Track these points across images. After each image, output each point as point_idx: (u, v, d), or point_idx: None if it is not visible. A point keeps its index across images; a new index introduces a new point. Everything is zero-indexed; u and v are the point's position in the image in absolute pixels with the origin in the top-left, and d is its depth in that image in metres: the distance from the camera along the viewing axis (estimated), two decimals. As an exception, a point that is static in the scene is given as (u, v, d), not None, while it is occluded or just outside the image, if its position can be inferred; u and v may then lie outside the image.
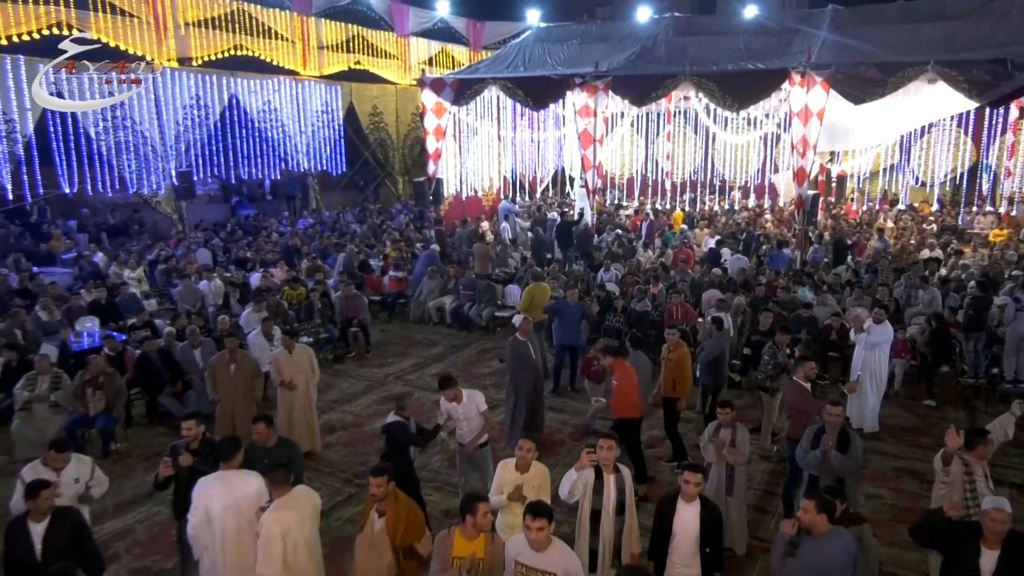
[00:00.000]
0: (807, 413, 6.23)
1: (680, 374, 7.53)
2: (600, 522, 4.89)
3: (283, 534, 4.43)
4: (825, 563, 4.07)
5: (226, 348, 7.94)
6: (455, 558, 4.19)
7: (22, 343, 9.57)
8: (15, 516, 4.63)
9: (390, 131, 24.71)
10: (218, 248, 16.38)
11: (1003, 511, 4.10)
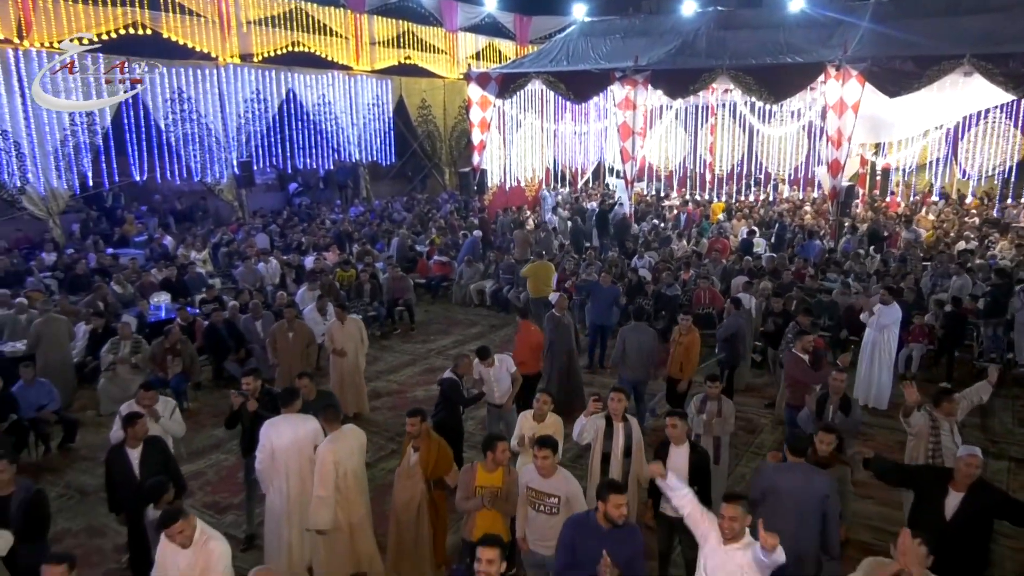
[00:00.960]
0: (803, 383, 6.83)
1: (687, 358, 8.10)
2: (609, 463, 5.60)
3: (335, 463, 5.25)
4: (796, 493, 4.72)
5: (285, 318, 8.87)
6: (478, 487, 4.95)
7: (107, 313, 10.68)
8: (114, 444, 5.57)
9: (438, 123, 25.61)
10: (275, 233, 17.49)
11: (976, 457, 4.67)
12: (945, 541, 4.50)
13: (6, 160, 14.17)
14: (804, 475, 4.77)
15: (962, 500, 4.60)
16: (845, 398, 6.38)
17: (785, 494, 4.70)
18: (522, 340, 8.45)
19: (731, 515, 3.91)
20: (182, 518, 3.99)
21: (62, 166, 15.12)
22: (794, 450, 4.85)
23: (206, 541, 4.09)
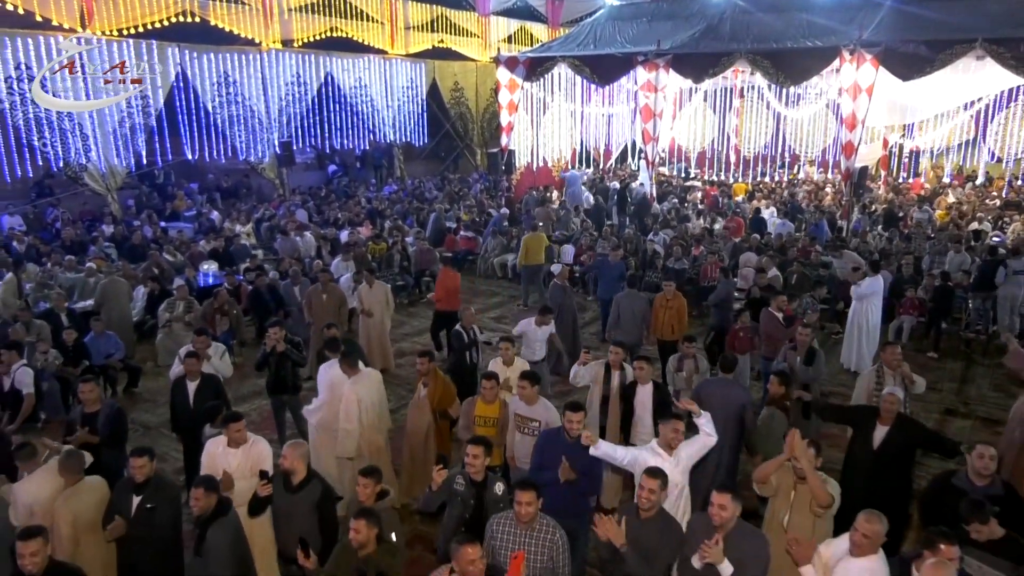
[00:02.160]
0: (776, 337, 7.67)
1: (679, 319, 8.91)
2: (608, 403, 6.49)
3: (357, 400, 6.25)
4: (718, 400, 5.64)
5: (320, 281, 9.94)
6: (477, 416, 5.91)
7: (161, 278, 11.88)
8: (177, 377, 6.67)
9: (470, 105, 26.48)
10: (313, 209, 18.63)
11: (894, 395, 5.50)
12: (874, 467, 5.37)
13: (71, 140, 15.47)
14: (727, 387, 5.75)
15: (887, 432, 5.42)
16: (811, 351, 7.19)
17: (712, 401, 5.63)
18: (440, 282, 10.61)
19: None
20: (241, 419, 5.04)
21: (120, 146, 16.40)
22: (724, 368, 5.85)
23: (254, 443, 5.14)
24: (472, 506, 4.50)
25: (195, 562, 4.47)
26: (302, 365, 7.85)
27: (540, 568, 3.98)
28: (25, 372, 6.98)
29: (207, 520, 4.39)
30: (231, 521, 4.46)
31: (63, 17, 15.11)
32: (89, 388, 5.83)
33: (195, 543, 4.45)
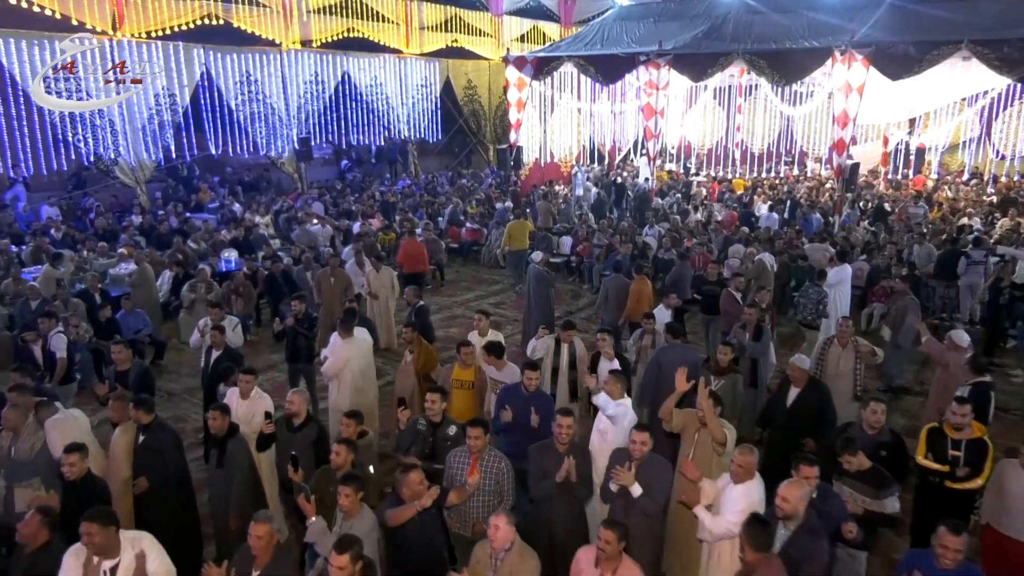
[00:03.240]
0: (733, 314, 8.48)
1: (638, 299, 9.61)
2: (558, 375, 7.35)
3: (347, 359, 7.12)
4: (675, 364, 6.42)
5: (329, 266, 10.87)
6: (454, 380, 6.76)
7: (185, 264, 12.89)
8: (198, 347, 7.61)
9: (483, 103, 27.32)
10: (329, 202, 19.60)
11: (797, 366, 6.28)
12: (788, 422, 6.18)
13: (103, 136, 16.54)
14: (682, 351, 6.55)
15: (798, 394, 6.23)
16: (759, 328, 7.96)
17: (667, 366, 6.42)
18: (404, 250, 12.57)
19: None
20: (255, 374, 5.97)
21: (148, 141, 17.46)
22: (673, 334, 6.69)
23: (260, 396, 6.06)
24: (430, 443, 5.37)
25: (217, 474, 5.43)
26: (311, 339, 8.74)
27: (488, 491, 4.84)
28: (59, 338, 7.96)
29: (224, 439, 5.37)
30: (242, 440, 5.45)
31: (96, 21, 16.18)
32: (119, 349, 6.79)
33: (216, 458, 5.42)
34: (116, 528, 4.07)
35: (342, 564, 3.66)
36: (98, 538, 3.93)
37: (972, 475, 5.07)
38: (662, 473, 4.71)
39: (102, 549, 3.95)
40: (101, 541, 3.94)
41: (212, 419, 5.44)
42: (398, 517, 4.43)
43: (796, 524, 4.06)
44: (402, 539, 4.51)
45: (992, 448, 5.18)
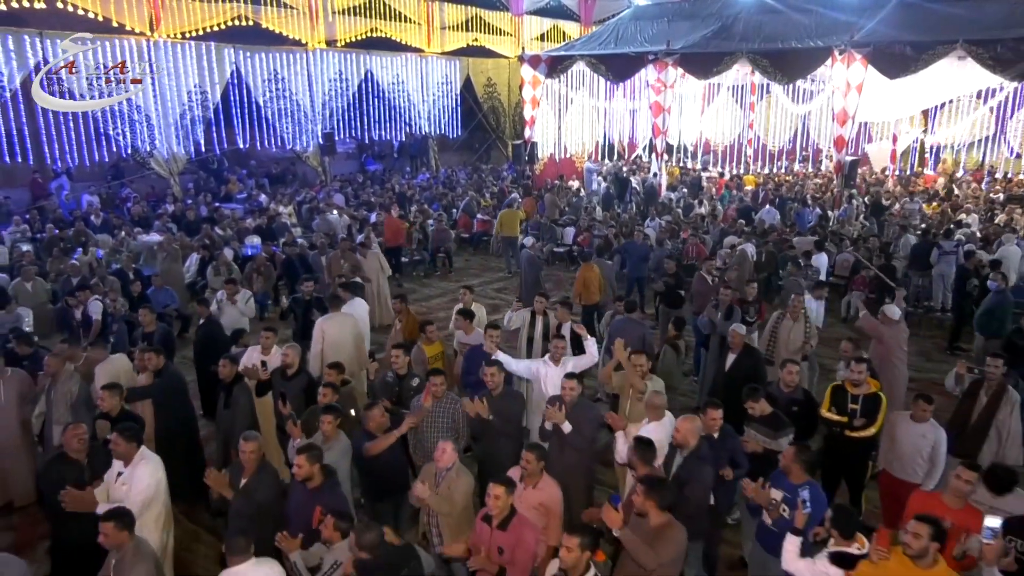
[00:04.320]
0: (705, 295, 9.25)
1: (584, 283, 10.41)
2: (533, 343, 8.18)
3: (324, 331, 7.95)
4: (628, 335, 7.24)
5: (340, 249, 11.84)
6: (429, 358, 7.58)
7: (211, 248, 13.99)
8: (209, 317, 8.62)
9: (502, 100, 28.20)
10: (350, 194, 20.65)
11: (737, 332, 7.06)
12: (726, 382, 6.95)
13: (139, 130, 17.77)
14: (632, 323, 7.36)
15: (734, 359, 7.01)
16: (730, 308, 8.70)
17: (622, 333, 7.27)
18: (387, 226, 13.85)
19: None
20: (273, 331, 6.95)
21: (181, 135, 18.67)
22: (628, 308, 7.48)
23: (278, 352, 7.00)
24: (396, 392, 6.27)
25: (224, 414, 6.41)
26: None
27: (444, 427, 5.72)
28: (95, 304, 9.06)
29: (231, 384, 6.38)
30: (246, 386, 6.42)
31: (135, 22, 17.38)
32: (144, 313, 7.86)
33: (224, 400, 6.43)
34: (137, 444, 5.04)
35: (300, 463, 4.60)
36: (122, 448, 4.91)
37: (867, 425, 5.81)
38: (589, 414, 5.54)
39: (122, 456, 4.94)
40: (124, 451, 4.93)
41: (222, 367, 6.47)
42: (376, 448, 5.32)
43: (688, 452, 4.86)
44: (373, 464, 5.40)
45: (885, 402, 5.91)
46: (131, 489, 4.90)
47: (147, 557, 4.21)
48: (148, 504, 4.95)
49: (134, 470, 4.98)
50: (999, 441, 6.16)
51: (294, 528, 4.50)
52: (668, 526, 4.06)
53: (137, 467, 5.00)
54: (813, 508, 4.35)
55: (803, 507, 4.16)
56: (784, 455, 4.76)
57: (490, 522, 4.30)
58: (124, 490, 4.90)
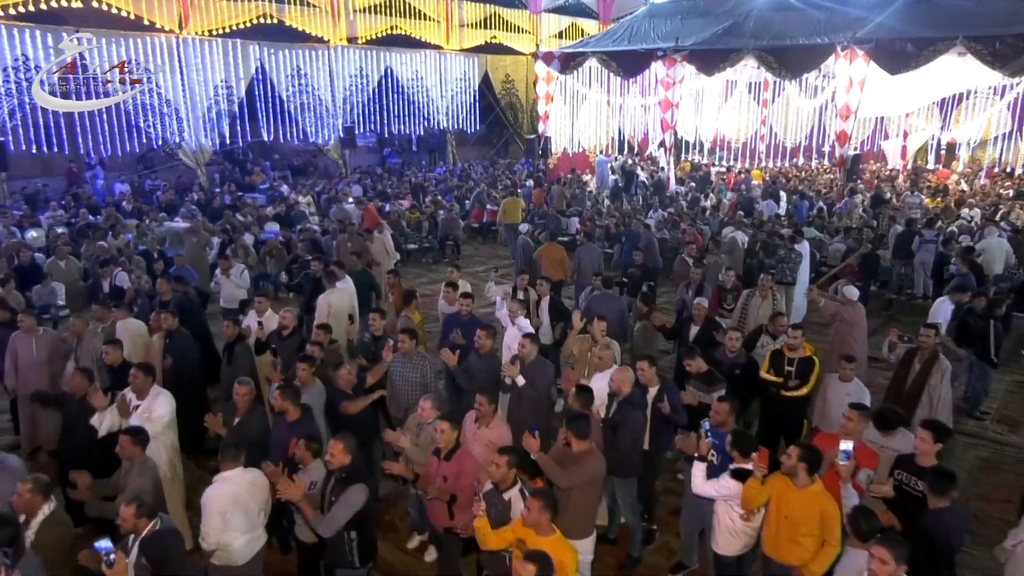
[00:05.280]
0: (683, 274, 9.86)
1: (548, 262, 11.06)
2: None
3: (329, 304, 8.70)
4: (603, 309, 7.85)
5: (347, 234, 12.61)
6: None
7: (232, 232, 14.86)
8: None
9: (520, 96, 28.83)
10: (369, 186, 21.48)
11: (701, 304, 7.65)
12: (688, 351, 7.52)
13: (169, 123, 18.74)
14: (610, 299, 8.00)
15: (697, 331, 7.60)
16: (701, 286, 9.30)
17: (600, 308, 7.85)
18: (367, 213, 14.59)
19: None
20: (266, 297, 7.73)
21: (208, 128, 19.60)
22: (605, 284, 8.11)
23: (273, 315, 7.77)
24: (372, 351, 6.98)
25: (227, 370, 7.18)
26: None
27: (415, 382, 6.41)
28: (122, 275, 10.00)
29: (233, 343, 7.20)
30: (247, 345, 7.23)
31: (164, 20, 18.35)
32: (161, 283, 8.71)
33: (227, 357, 7.20)
34: (152, 380, 5.86)
35: (276, 398, 5.42)
36: (139, 382, 5.72)
37: (800, 385, 6.37)
38: (542, 370, 6.20)
39: (138, 390, 5.74)
40: (141, 384, 5.73)
41: (226, 327, 7.28)
42: (355, 407, 6.01)
43: (622, 398, 5.49)
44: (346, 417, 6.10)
45: (818, 364, 6.47)
46: (151, 416, 5.71)
47: (149, 473, 4.97)
48: (163, 430, 5.78)
49: (152, 402, 5.80)
50: (931, 406, 6.67)
51: (275, 457, 5.22)
52: (586, 453, 4.69)
53: (156, 399, 5.82)
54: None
55: (706, 437, 4.76)
56: (718, 409, 5.29)
57: (439, 455, 4.97)
58: (144, 418, 5.69)
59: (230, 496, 4.56)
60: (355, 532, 4.43)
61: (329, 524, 4.39)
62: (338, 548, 4.47)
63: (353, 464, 4.50)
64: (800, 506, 4.28)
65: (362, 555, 4.52)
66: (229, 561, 4.69)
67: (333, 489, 4.46)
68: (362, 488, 4.39)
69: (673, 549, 5.98)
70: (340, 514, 4.35)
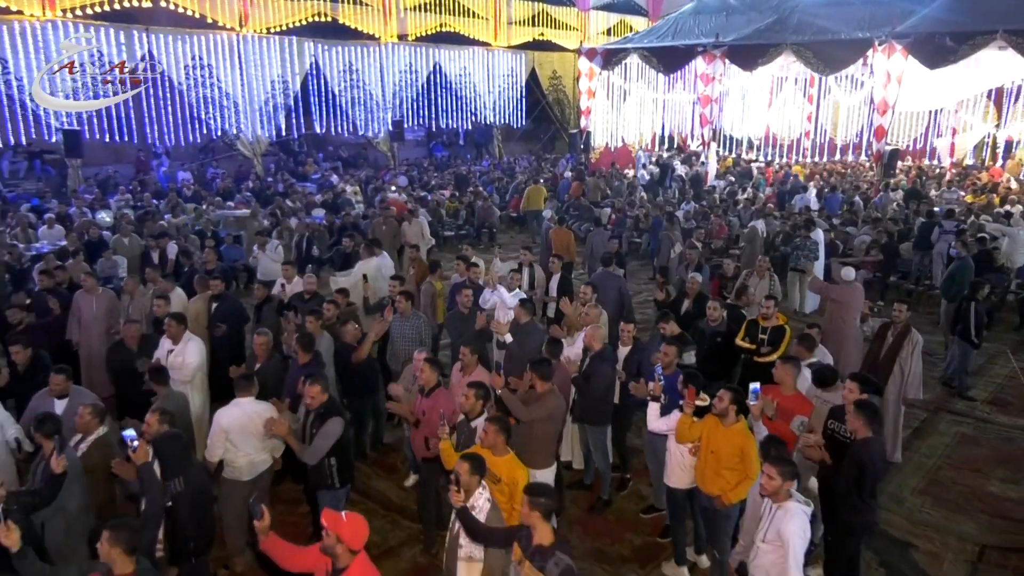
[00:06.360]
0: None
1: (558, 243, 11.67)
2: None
3: (364, 273, 9.54)
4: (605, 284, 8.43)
5: (381, 215, 13.47)
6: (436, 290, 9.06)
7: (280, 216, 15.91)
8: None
9: (567, 92, 29.32)
10: (415, 177, 22.41)
11: (695, 279, 8.17)
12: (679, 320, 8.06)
13: (228, 115, 19.98)
14: (610, 276, 8.60)
15: (690, 304, 8.11)
16: (699, 264, 9.78)
17: (603, 289, 8.43)
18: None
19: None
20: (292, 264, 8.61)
21: (264, 120, 20.78)
22: (604, 263, 8.68)
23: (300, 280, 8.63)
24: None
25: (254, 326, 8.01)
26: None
27: (410, 338, 7.15)
28: (172, 246, 11.12)
29: (261, 303, 8.11)
30: (273, 306, 8.09)
31: (226, 19, 19.57)
32: (207, 253, 9.67)
33: (256, 315, 8.10)
34: (185, 327, 6.73)
35: (295, 344, 6.15)
36: (173, 330, 6.59)
37: (772, 351, 6.83)
38: (533, 333, 6.85)
39: (172, 336, 6.62)
40: (175, 332, 6.60)
41: (257, 289, 8.22)
42: (362, 352, 6.77)
43: (594, 353, 6.08)
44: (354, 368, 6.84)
45: (789, 332, 6.92)
46: (184, 360, 6.60)
47: (174, 400, 5.83)
48: (194, 374, 6.67)
49: (185, 346, 6.68)
50: (902, 377, 7.05)
51: (289, 393, 6.02)
52: (547, 393, 5.31)
53: (187, 344, 6.70)
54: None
55: (658, 380, 5.32)
56: (666, 351, 5.80)
57: (422, 392, 5.66)
58: (179, 361, 6.59)
59: (237, 418, 5.35)
60: (335, 458, 5.13)
61: (314, 453, 5.11)
62: (320, 472, 5.19)
63: (329, 401, 5.23)
64: (725, 442, 4.81)
65: (341, 478, 5.23)
66: (236, 476, 5.48)
67: (313, 423, 5.17)
68: (338, 420, 5.10)
69: (644, 496, 6.53)
70: (322, 444, 5.07)
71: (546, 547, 3.58)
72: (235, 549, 5.60)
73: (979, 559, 5.81)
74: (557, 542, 3.63)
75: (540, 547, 3.60)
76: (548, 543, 3.60)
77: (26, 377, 6.51)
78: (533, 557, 3.58)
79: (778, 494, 3.99)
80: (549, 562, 3.51)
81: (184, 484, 4.44)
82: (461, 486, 3.97)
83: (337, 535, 3.46)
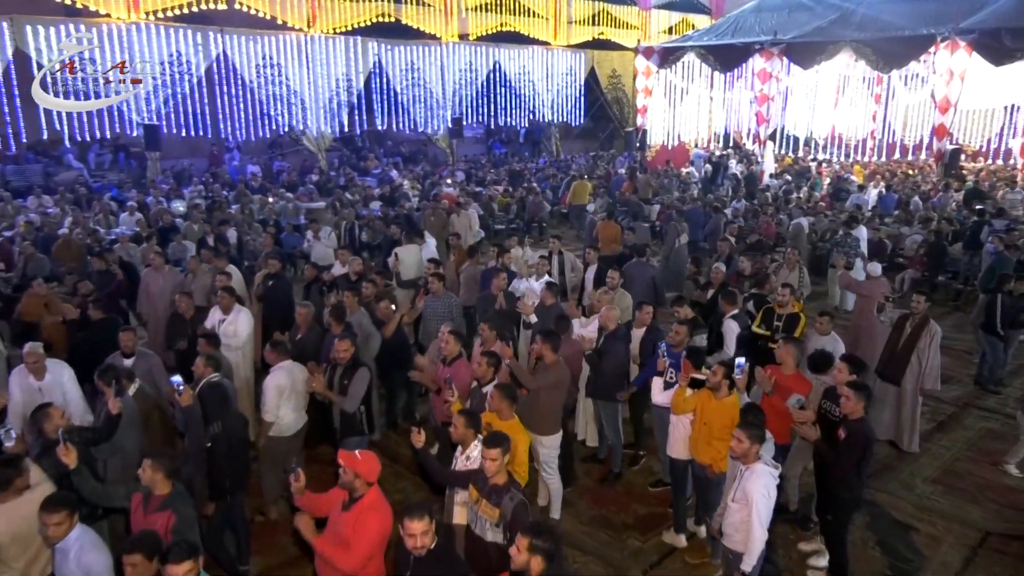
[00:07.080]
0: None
1: (603, 235, 12.05)
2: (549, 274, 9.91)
3: (396, 254, 10.08)
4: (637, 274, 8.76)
5: (431, 208, 14.06)
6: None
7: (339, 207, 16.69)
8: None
9: (626, 90, 29.39)
10: (472, 174, 23.01)
11: (719, 269, 8.42)
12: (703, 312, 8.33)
13: (295, 111, 20.97)
14: (643, 266, 8.96)
15: (712, 293, 8.34)
16: (729, 257, 9.98)
17: (630, 276, 8.77)
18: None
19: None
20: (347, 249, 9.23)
21: (328, 117, 21.71)
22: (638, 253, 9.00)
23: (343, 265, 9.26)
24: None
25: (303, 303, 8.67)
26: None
27: (442, 316, 7.63)
28: (232, 232, 11.91)
29: (310, 283, 8.80)
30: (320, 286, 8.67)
31: (295, 20, 20.56)
32: (265, 237, 10.46)
33: (304, 294, 8.81)
34: (237, 300, 7.41)
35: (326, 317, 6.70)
36: (226, 301, 7.27)
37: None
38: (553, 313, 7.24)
39: (224, 308, 7.30)
40: (227, 304, 7.29)
41: (307, 269, 8.97)
42: (391, 328, 7.31)
43: (608, 332, 6.43)
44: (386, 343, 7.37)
45: (803, 319, 7.09)
46: (237, 329, 7.30)
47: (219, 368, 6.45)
48: (244, 343, 7.34)
49: (237, 316, 7.37)
50: (920, 367, 7.14)
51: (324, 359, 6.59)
52: (555, 363, 5.70)
53: (239, 314, 7.39)
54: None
55: (662, 355, 5.65)
56: (677, 330, 6.13)
57: (444, 361, 6.13)
58: (232, 330, 7.28)
59: (285, 377, 5.94)
60: (363, 407, 5.68)
61: (351, 401, 5.68)
62: (352, 420, 5.73)
63: (355, 356, 5.77)
64: (717, 414, 5.11)
65: (369, 424, 5.77)
66: (281, 432, 6.06)
67: (343, 375, 5.72)
68: (365, 371, 5.64)
69: (655, 471, 6.84)
70: (356, 391, 5.64)
71: (501, 486, 3.99)
72: (271, 498, 6.20)
73: (980, 545, 5.91)
74: (511, 481, 4.04)
75: (495, 486, 4.01)
76: (502, 483, 4.02)
77: (99, 340, 7.29)
78: (489, 496, 3.99)
79: (747, 456, 4.28)
80: (504, 498, 3.92)
81: (222, 428, 5.03)
82: (457, 436, 4.41)
83: (355, 471, 3.95)
